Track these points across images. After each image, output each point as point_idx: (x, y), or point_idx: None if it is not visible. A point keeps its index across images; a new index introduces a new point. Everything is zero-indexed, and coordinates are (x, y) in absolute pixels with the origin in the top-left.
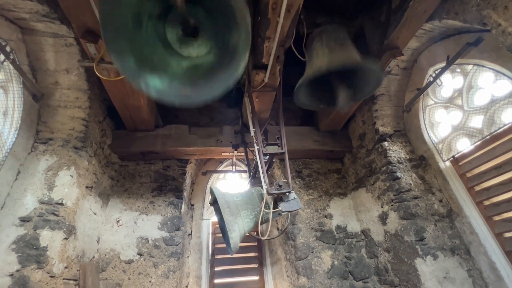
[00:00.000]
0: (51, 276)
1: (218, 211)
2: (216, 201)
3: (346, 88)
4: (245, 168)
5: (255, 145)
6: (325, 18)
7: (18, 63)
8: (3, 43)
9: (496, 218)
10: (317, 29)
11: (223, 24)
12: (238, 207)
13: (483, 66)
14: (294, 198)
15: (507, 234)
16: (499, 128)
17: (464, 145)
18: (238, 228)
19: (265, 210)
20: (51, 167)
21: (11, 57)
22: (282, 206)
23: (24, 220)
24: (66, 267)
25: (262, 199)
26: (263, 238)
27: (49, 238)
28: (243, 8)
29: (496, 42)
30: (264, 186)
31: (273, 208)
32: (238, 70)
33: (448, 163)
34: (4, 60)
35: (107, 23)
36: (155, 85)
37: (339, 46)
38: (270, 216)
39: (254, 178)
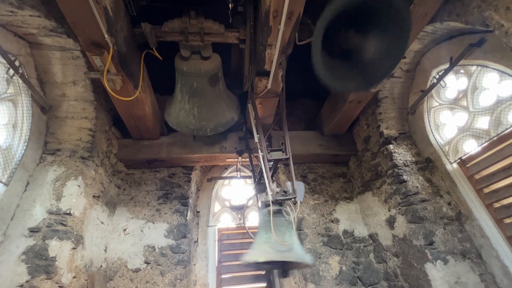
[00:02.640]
0: (60, 286)
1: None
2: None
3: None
4: (250, 173)
5: (259, 151)
6: None
7: (26, 76)
8: (13, 58)
9: (507, 220)
10: None
11: None
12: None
13: (487, 66)
14: (297, 183)
15: None
16: (506, 129)
17: (471, 147)
18: (300, 249)
19: (287, 216)
20: (59, 177)
21: (20, 71)
22: (297, 198)
23: (33, 230)
24: (74, 277)
25: (270, 213)
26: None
27: (58, 248)
28: None
29: (500, 42)
30: (270, 193)
31: (289, 207)
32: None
33: (455, 165)
34: (13, 74)
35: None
36: None
37: None
38: (295, 216)
39: (259, 184)
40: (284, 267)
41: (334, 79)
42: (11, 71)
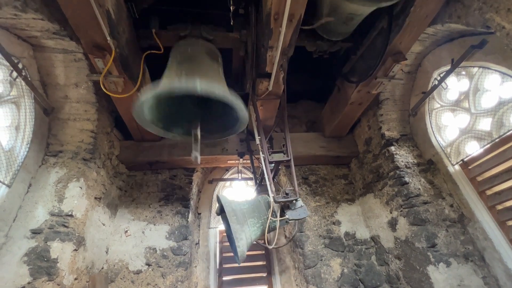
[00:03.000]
0: None
1: (225, 219)
2: (223, 209)
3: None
4: (251, 175)
5: (260, 153)
6: None
7: (29, 79)
8: (16, 61)
9: (510, 222)
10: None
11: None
12: (245, 215)
13: (488, 68)
14: (301, 206)
15: None
16: (509, 131)
17: (473, 149)
18: (245, 237)
19: (272, 218)
20: (61, 179)
21: (23, 73)
22: (289, 214)
23: (35, 232)
24: (76, 279)
25: (269, 207)
26: (270, 247)
27: (60, 250)
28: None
29: (501, 44)
30: (271, 194)
31: (280, 216)
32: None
33: (457, 167)
34: (16, 77)
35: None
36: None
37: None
38: (277, 224)
39: (261, 186)
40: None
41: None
42: (14, 74)
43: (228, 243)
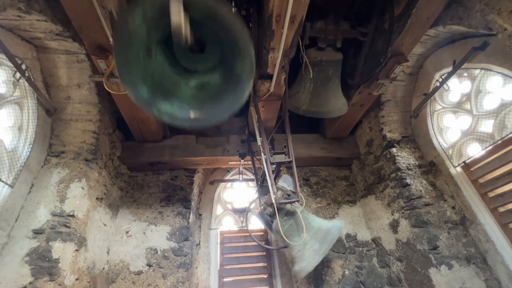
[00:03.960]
0: None
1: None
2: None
3: None
4: (252, 176)
5: (262, 154)
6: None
7: (32, 80)
8: (19, 62)
9: None
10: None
11: (229, 51)
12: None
13: (490, 70)
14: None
15: None
16: (511, 133)
17: (475, 150)
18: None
19: (281, 220)
20: (63, 179)
21: (26, 74)
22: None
23: (37, 232)
24: (77, 279)
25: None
26: (271, 248)
27: (61, 250)
28: (247, 42)
29: (503, 46)
30: (272, 196)
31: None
32: (243, 97)
33: (459, 169)
34: (19, 78)
35: (120, 59)
36: (167, 110)
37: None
38: (279, 225)
39: (262, 187)
40: None
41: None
42: (18, 74)
43: (228, 244)
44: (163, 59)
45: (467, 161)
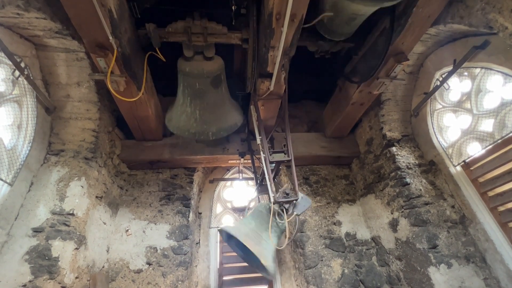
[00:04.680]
0: (62, 287)
1: (239, 246)
2: (233, 238)
3: None
4: (252, 175)
5: (261, 153)
6: None
7: (32, 78)
8: (18, 60)
9: None
10: None
11: None
12: (257, 232)
13: (491, 69)
14: (302, 196)
15: None
16: (511, 132)
17: (475, 150)
18: (268, 252)
19: (280, 221)
20: (62, 178)
21: (26, 72)
22: (296, 210)
23: (36, 230)
24: (76, 277)
25: (271, 211)
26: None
27: (61, 249)
28: None
29: (504, 44)
30: (271, 195)
31: (286, 214)
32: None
33: (459, 168)
34: (19, 76)
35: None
36: None
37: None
38: (286, 224)
39: (261, 186)
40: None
41: None
42: (17, 73)
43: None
44: None
45: (467, 160)
